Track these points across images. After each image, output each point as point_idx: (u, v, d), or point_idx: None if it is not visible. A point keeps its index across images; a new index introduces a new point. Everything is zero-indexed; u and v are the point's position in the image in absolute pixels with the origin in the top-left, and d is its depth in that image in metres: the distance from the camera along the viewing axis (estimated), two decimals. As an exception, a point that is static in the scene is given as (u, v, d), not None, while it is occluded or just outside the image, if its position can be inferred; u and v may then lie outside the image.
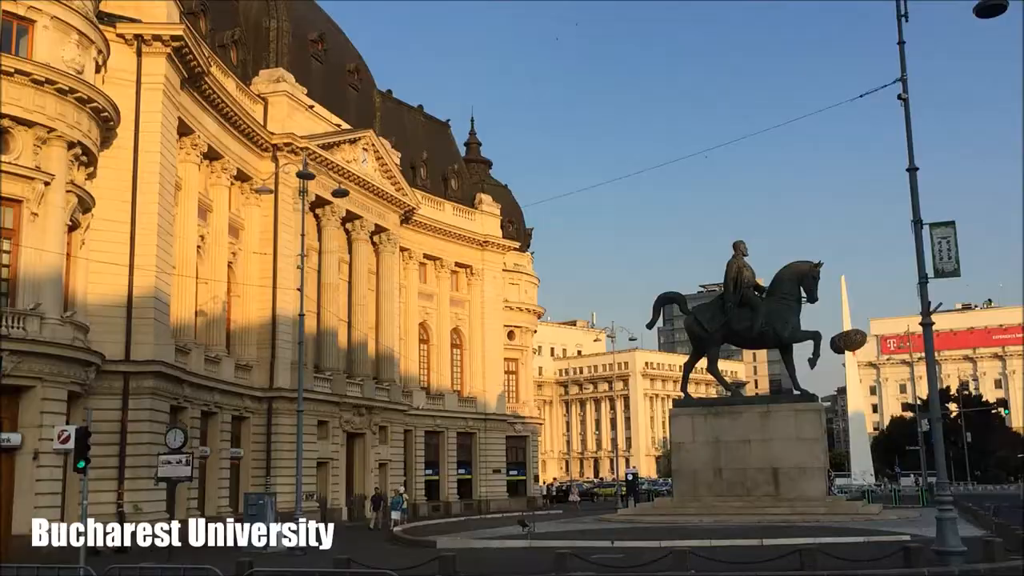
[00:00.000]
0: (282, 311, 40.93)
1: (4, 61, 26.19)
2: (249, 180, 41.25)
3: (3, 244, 26.94)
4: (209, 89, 36.30)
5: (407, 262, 55.92)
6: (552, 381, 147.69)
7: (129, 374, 30.35)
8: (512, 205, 67.34)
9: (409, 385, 54.19)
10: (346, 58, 52.72)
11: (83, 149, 28.93)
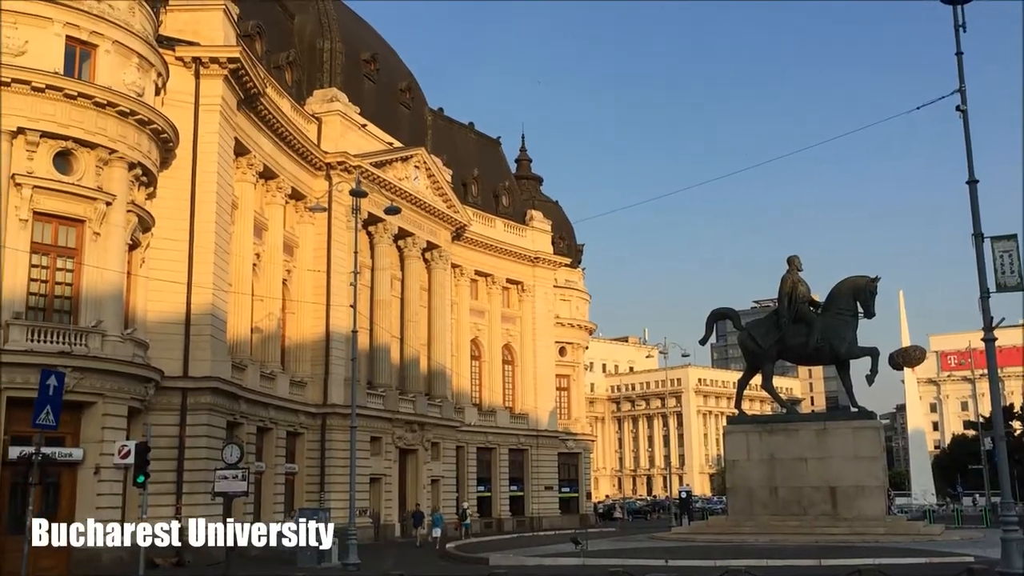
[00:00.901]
0: (335, 328, 41.36)
1: (68, 85, 26.96)
2: (303, 198, 41.84)
3: (67, 263, 27.65)
4: (265, 110, 36.94)
5: (459, 279, 56.17)
6: (604, 398, 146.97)
7: (187, 390, 30.88)
8: (563, 221, 67.35)
9: (461, 401, 54.32)
10: (398, 77, 53.30)
11: (143, 170, 29.62)
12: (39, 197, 26.85)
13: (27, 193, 26.54)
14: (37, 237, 27.01)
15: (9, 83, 26.15)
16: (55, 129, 27.06)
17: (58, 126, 27.08)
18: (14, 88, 26.26)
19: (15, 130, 26.43)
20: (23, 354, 25.48)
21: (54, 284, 27.44)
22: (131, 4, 29.41)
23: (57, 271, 27.50)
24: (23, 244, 26.43)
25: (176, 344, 30.99)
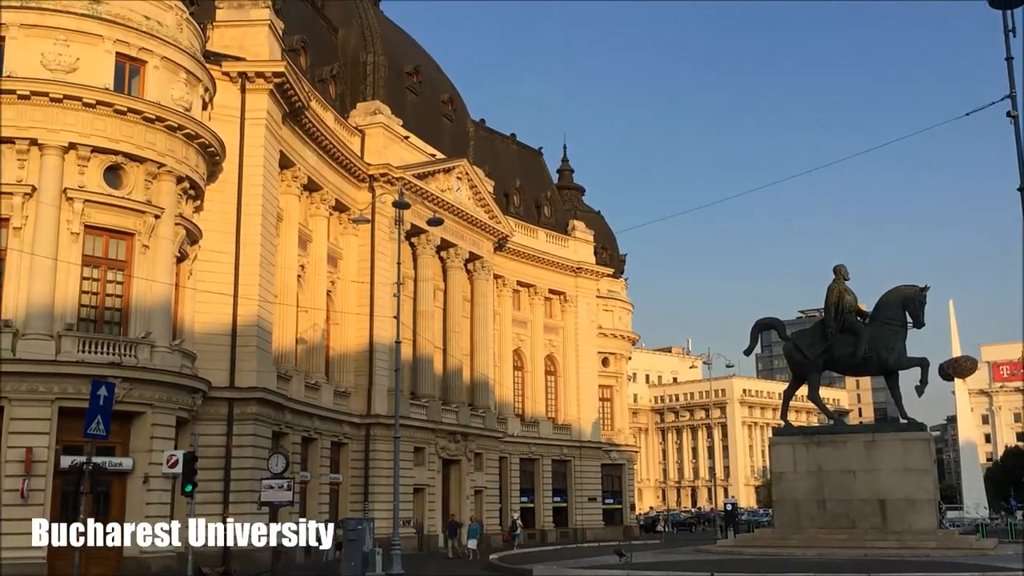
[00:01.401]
0: (379, 338, 41.60)
1: (118, 100, 27.51)
2: (347, 210, 42.20)
3: (117, 275, 28.16)
4: (309, 123, 37.35)
5: (501, 289, 56.23)
6: (647, 408, 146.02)
7: (233, 400, 31.24)
8: (605, 231, 67.15)
9: (504, 412, 54.31)
10: (440, 89, 53.61)
11: (191, 183, 30.10)
12: (90, 211, 27.41)
13: (78, 207, 27.11)
14: (88, 250, 27.57)
15: (61, 99, 26.77)
16: (105, 144, 27.62)
17: (108, 141, 27.64)
18: (66, 104, 26.87)
19: (67, 145, 27.03)
20: (75, 365, 25.99)
21: (104, 296, 27.98)
22: (179, 21, 29.97)
23: (107, 283, 28.04)
24: (75, 257, 26.98)
25: (223, 355, 31.37)
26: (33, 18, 27.25)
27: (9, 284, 26.41)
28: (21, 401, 25.56)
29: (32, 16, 27.24)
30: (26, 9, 27.23)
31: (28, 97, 26.58)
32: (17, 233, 26.58)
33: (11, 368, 25.49)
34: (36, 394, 25.66)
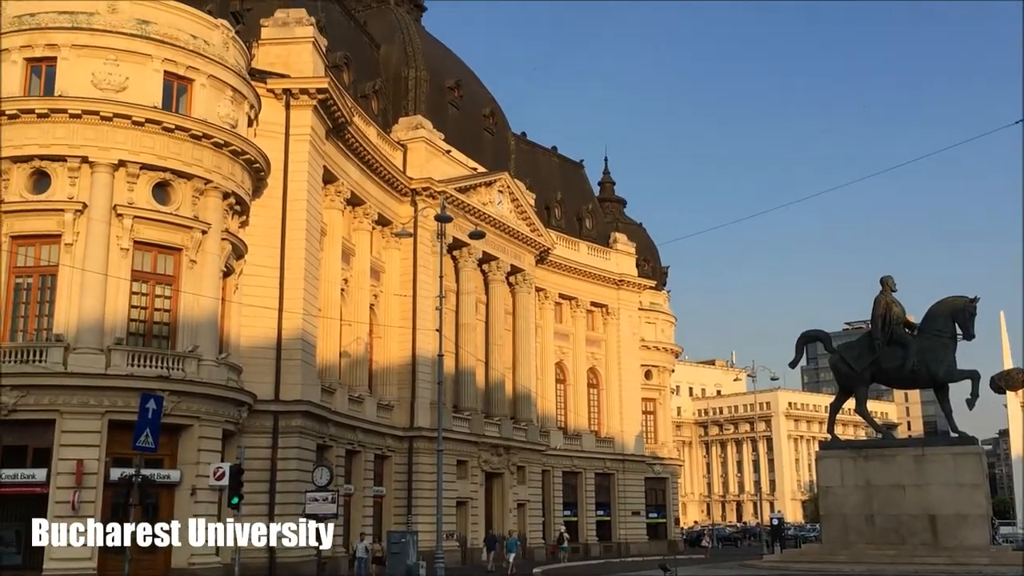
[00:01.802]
0: (421, 351, 41.78)
1: (166, 118, 28.06)
2: (389, 224, 42.50)
3: (164, 290, 28.64)
4: (352, 138, 37.73)
5: (543, 302, 56.22)
6: (691, 422, 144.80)
7: (278, 413, 31.56)
8: (647, 243, 66.89)
9: (546, 425, 54.21)
10: (481, 103, 53.88)
11: (237, 199, 30.56)
12: (139, 227, 27.95)
13: (128, 223, 27.65)
14: (137, 265, 28.11)
15: (111, 118, 27.35)
16: (154, 161, 28.16)
17: (157, 158, 28.19)
18: (116, 123, 27.46)
19: (117, 163, 27.61)
20: (124, 378, 26.46)
21: (153, 310, 28.49)
22: (225, 39, 30.50)
23: (156, 298, 28.57)
24: (124, 272, 27.50)
25: (268, 368, 31.72)
26: (84, 38, 27.91)
27: (61, 299, 26.99)
28: (72, 414, 26.06)
29: (83, 37, 27.90)
30: (77, 30, 27.90)
31: (79, 116, 27.23)
32: (69, 249, 27.17)
33: (63, 382, 26.06)
34: (87, 407, 26.16)
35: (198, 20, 29.89)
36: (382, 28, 49.01)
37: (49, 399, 26.07)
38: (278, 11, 34.80)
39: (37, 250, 27.61)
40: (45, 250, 27.62)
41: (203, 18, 30.05)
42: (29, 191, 27.69)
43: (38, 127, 27.29)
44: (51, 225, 27.45)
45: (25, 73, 28.02)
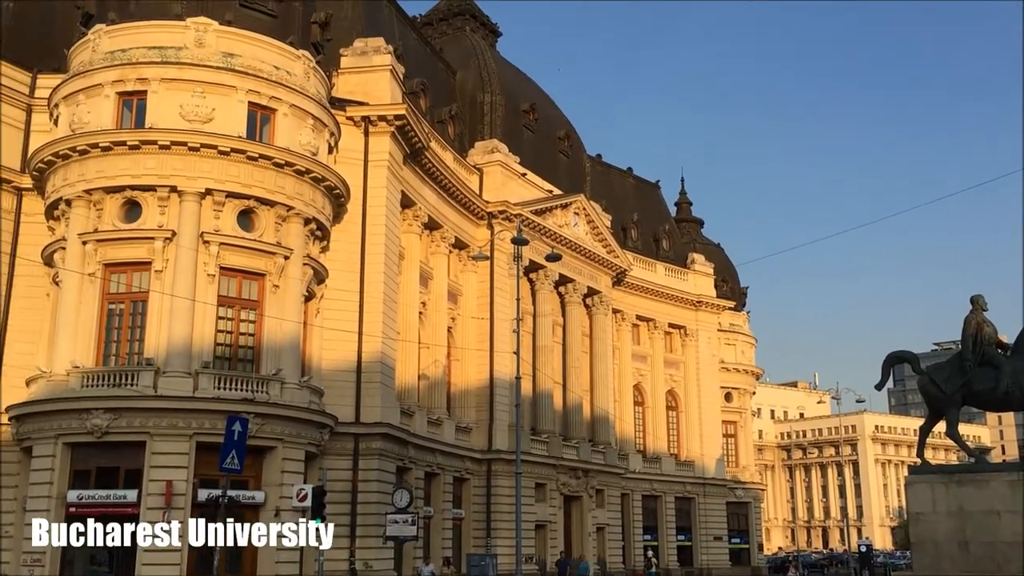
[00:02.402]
0: (499, 374, 41.90)
1: (250, 147, 28.87)
2: (466, 247, 42.85)
3: (249, 314, 29.36)
4: (429, 163, 38.22)
5: (620, 324, 55.91)
6: (773, 445, 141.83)
7: (359, 435, 31.91)
8: (725, 264, 66.10)
9: (625, 448, 53.74)
10: (556, 126, 54.08)
11: (318, 224, 31.20)
12: (225, 253, 28.74)
13: (214, 250, 28.45)
14: (223, 291, 28.90)
15: (199, 148, 28.25)
16: (239, 189, 28.98)
17: (241, 186, 28.99)
18: (203, 152, 28.35)
19: (204, 191, 28.48)
20: (211, 401, 27.13)
21: (238, 335, 29.23)
22: (306, 69, 31.28)
23: (241, 322, 29.27)
24: (211, 297, 28.28)
25: (348, 391, 32.15)
26: (173, 72, 28.93)
27: (151, 324, 27.86)
28: (162, 436, 26.82)
29: (172, 70, 28.93)
30: (166, 64, 28.95)
31: (168, 147, 28.19)
32: (159, 276, 28.07)
33: (153, 404, 26.87)
34: (176, 429, 26.88)
35: (280, 51, 30.73)
36: (458, 54, 49.67)
37: (140, 421, 26.89)
38: (357, 41, 35.55)
39: (129, 277, 28.61)
40: (136, 277, 28.60)
41: (285, 49, 30.89)
42: (121, 220, 28.73)
43: (130, 158, 28.34)
44: (142, 253, 28.42)
45: (117, 107, 29.15)
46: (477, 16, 54.60)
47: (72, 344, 27.87)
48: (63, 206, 29.26)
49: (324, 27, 33.19)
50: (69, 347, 27.86)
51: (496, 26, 55.98)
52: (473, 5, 54.98)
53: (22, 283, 31.03)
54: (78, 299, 28.19)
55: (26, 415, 28.03)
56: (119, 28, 29.74)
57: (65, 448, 27.28)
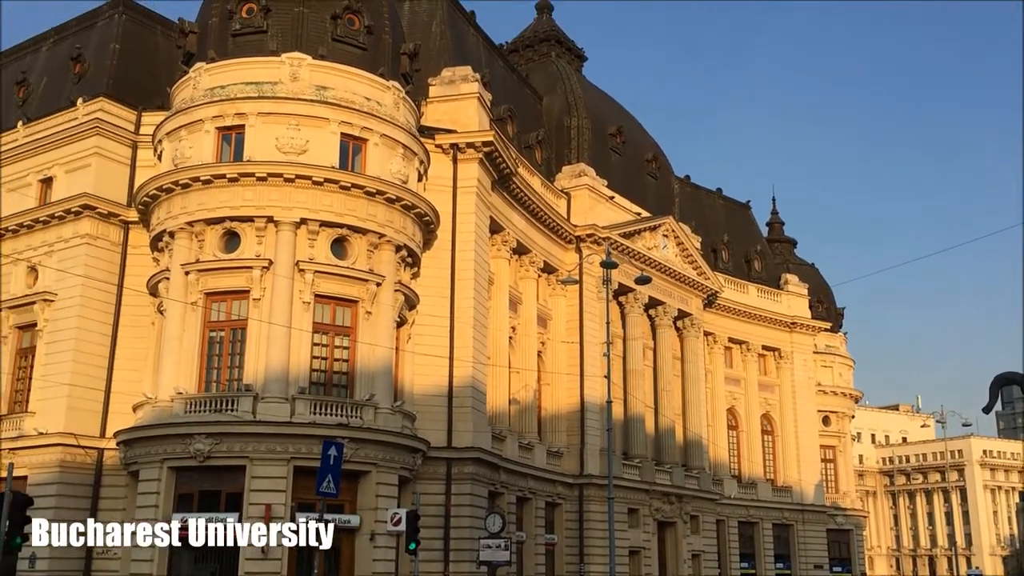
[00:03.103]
0: (589, 398, 41.68)
1: (343, 177, 29.56)
2: (555, 272, 42.89)
3: (343, 341, 29.92)
4: (517, 188, 38.47)
5: (712, 346, 55.10)
6: (875, 470, 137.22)
7: (451, 460, 32.10)
8: (820, 284, 64.61)
9: (719, 473, 52.74)
10: (643, 148, 53.86)
11: (408, 251, 31.68)
12: (319, 281, 29.41)
13: (309, 278, 29.14)
14: (317, 317, 29.55)
15: (294, 179, 29.06)
16: (332, 218, 29.66)
17: (335, 215, 29.68)
18: (298, 183, 29.14)
19: (299, 221, 29.24)
20: (307, 426, 27.69)
21: (332, 360, 29.80)
22: (396, 100, 31.93)
23: (335, 348, 29.84)
24: (306, 324, 28.94)
25: (440, 416, 32.41)
26: (269, 106, 29.87)
27: (250, 351, 28.64)
28: (261, 460, 27.46)
29: (268, 105, 29.88)
30: (263, 99, 29.92)
31: (265, 179, 29.08)
32: (256, 304, 28.87)
33: (252, 429, 27.57)
34: (274, 454, 27.50)
35: (371, 83, 31.44)
36: (544, 79, 50.00)
37: (240, 446, 27.59)
38: (445, 70, 36.14)
39: (228, 305, 29.52)
40: (236, 305, 29.50)
41: (376, 81, 31.59)
42: (221, 250, 29.69)
43: (229, 191, 29.31)
44: (241, 281, 29.29)
45: (217, 141, 30.22)
46: (562, 41, 54.92)
47: (176, 371, 28.83)
48: (167, 238, 30.39)
49: (413, 58, 33.84)
50: (173, 374, 28.82)
51: (581, 51, 56.22)
52: (558, 31, 55.34)
53: (129, 312, 32.35)
54: (181, 327, 29.18)
55: (133, 440, 29.06)
56: (218, 66, 30.89)
57: (170, 472, 28.16)
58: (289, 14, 31.32)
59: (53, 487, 29.91)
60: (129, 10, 37.92)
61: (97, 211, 32.46)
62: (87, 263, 32.10)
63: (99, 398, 31.48)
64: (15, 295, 33.54)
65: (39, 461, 30.54)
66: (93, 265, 32.21)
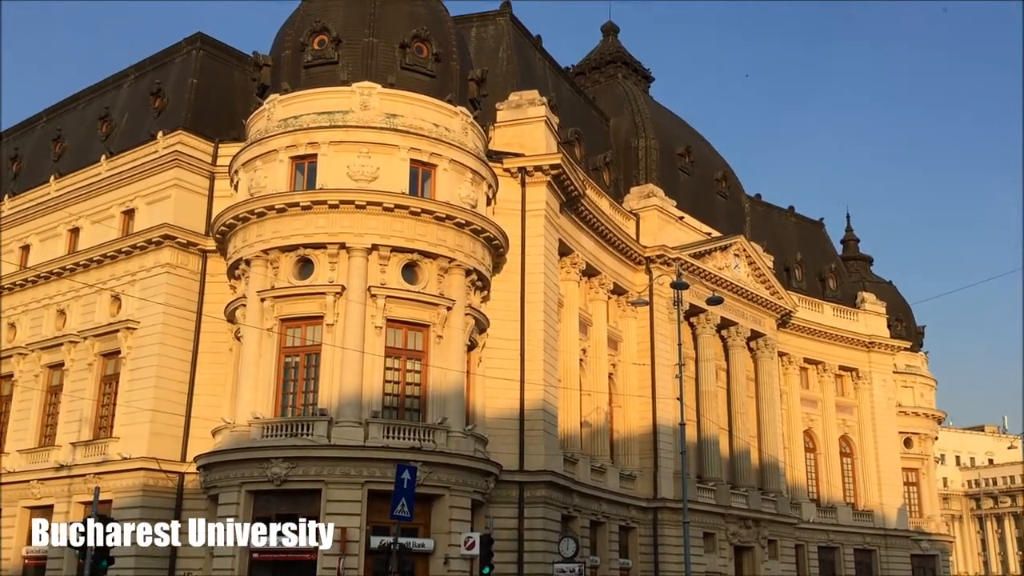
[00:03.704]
0: (662, 420, 41.22)
1: (413, 203, 29.95)
2: (624, 293, 42.64)
3: (414, 365, 30.16)
4: (585, 210, 38.43)
5: (786, 367, 54.06)
6: (960, 494, 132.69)
7: (523, 484, 32.01)
8: (899, 302, 62.97)
9: (797, 496, 51.57)
10: (713, 167, 53.39)
11: (478, 275, 31.85)
12: (391, 306, 29.76)
13: (381, 303, 29.50)
14: (390, 342, 29.89)
15: (365, 206, 29.50)
16: (403, 244, 30.04)
17: (405, 240, 30.04)
18: (369, 210, 29.59)
19: (370, 247, 29.65)
20: (381, 450, 27.95)
21: (404, 384, 30.06)
22: (464, 125, 32.26)
23: (407, 372, 30.10)
24: (379, 349, 29.27)
25: (512, 439, 32.37)
26: (340, 135, 30.45)
27: (324, 376, 29.07)
28: (336, 484, 27.77)
29: (339, 133, 30.46)
30: (334, 128, 30.51)
31: (337, 206, 29.60)
32: (330, 329, 29.32)
33: (327, 453, 27.92)
34: (348, 477, 27.80)
35: (440, 109, 31.82)
36: (611, 101, 49.98)
37: (315, 470, 27.94)
38: (512, 94, 36.39)
39: (303, 331, 30.03)
40: (310, 330, 30.01)
41: (444, 107, 31.97)
42: (295, 277, 30.26)
43: (303, 218, 29.90)
44: (314, 307, 29.78)
45: (290, 170, 30.89)
46: (629, 63, 54.92)
47: (253, 396, 29.38)
48: (243, 265, 31.09)
49: (480, 83, 34.17)
50: (250, 398, 29.38)
51: (648, 71, 56.14)
52: (624, 52, 55.35)
53: (207, 339, 33.13)
54: (258, 353, 29.76)
55: (212, 464, 29.66)
56: (291, 97, 31.63)
57: (248, 496, 28.64)
58: (359, 44, 31.96)
59: (136, 511, 30.62)
60: (206, 46, 39.13)
61: (177, 241, 33.37)
62: (167, 291, 32.99)
63: (180, 423, 32.24)
64: (100, 324, 34.64)
65: (123, 485, 31.37)
66: (173, 293, 33.10)
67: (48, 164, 41.43)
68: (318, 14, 32.65)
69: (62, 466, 33.49)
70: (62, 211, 37.55)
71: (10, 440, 36.70)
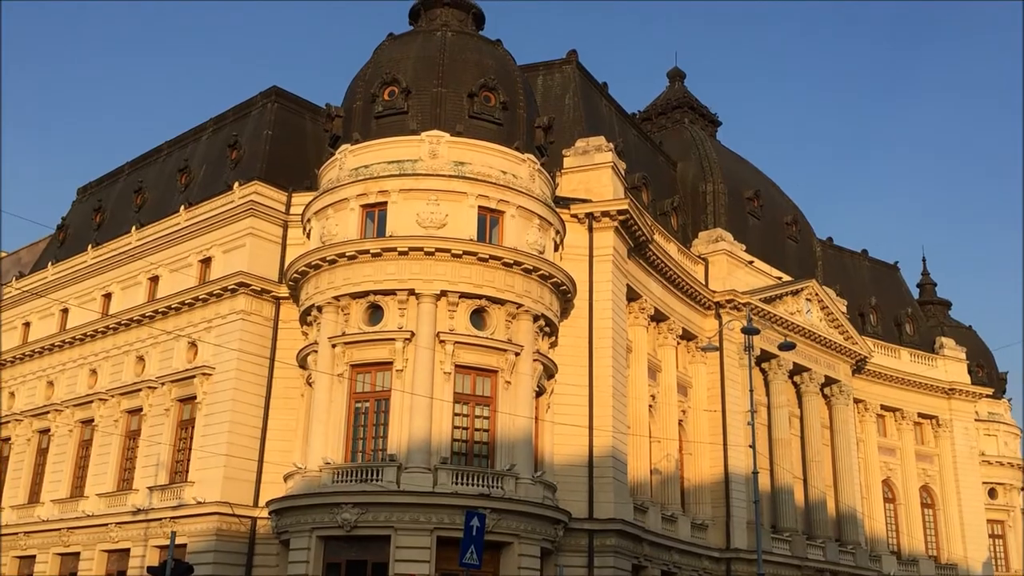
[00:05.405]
0: (734, 468, 40.38)
1: (481, 249, 30.17)
2: (694, 338, 42.15)
3: (483, 411, 30.16)
4: (653, 255, 38.25)
5: (863, 414, 52.66)
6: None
7: (593, 532, 31.56)
8: (979, 347, 61.07)
9: (876, 549, 49.85)
10: (782, 211, 52.80)
11: (546, 321, 31.84)
12: (459, 351, 29.88)
13: (449, 349, 29.65)
14: (458, 387, 29.97)
15: (434, 252, 29.83)
16: (471, 290, 30.23)
17: (473, 287, 30.23)
18: (437, 256, 29.90)
19: (439, 293, 29.90)
20: (449, 496, 27.88)
21: (473, 430, 30.03)
22: (531, 172, 32.52)
23: (475, 418, 30.10)
24: (447, 395, 29.35)
25: (581, 486, 32.01)
26: (409, 183, 30.95)
27: (393, 421, 29.23)
28: (405, 530, 27.76)
29: (409, 182, 30.97)
30: (404, 176, 31.05)
31: (407, 253, 29.98)
32: (399, 375, 29.52)
33: (396, 499, 27.96)
34: (417, 524, 27.76)
35: (507, 156, 32.17)
36: (677, 146, 49.94)
37: (385, 516, 27.98)
38: (579, 140, 36.62)
39: (373, 377, 30.30)
40: (379, 376, 30.25)
41: (511, 154, 32.31)
42: (365, 323, 30.63)
43: (372, 265, 30.35)
44: (384, 353, 30.06)
45: (361, 218, 31.44)
46: (695, 108, 54.89)
47: (324, 441, 29.65)
48: (315, 312, 31.60)
49: (547, 130, 34.48)
50: (321, 444, 29.65)
51: (715, 116, 56.00)
52: (691, 97, 55.37)
53: (280, 384, 33.62)
54: (328, 398, 30.09)
55: (284, 509, 29.91)
56: (362, 146, 32.31)
57: (319, 541, 28.77)
58: (428, 94, 32.58)
59: (210, 555, 31.01)
60: (280, 99, 40.32)
61: (251, 288, 34.08)
62: (242, 338, 33.65)
63: (253, 468, 32.65)
64: (177, 370, 35.44)
65: (198, 530, 31.80)
66: (247, 340, 33.74)
67: (130, 215, 42.93)
68: (389, 66, 33.44)
69: (139, 510, 34.12)
70: (143, 260, 38.73)
71: (89, 484, 37.57)
